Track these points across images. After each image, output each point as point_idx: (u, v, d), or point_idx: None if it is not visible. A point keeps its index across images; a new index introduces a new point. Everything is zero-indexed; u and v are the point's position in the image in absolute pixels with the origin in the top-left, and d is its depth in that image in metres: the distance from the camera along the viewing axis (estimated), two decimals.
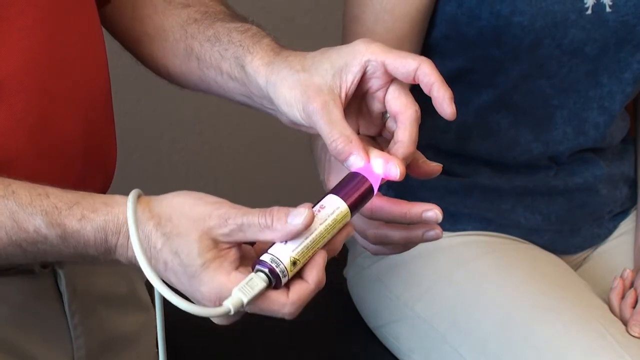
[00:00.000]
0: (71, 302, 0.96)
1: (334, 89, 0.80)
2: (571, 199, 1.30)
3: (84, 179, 0.93)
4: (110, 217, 0.76)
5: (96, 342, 0.99)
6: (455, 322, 1.20)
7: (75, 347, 0.97)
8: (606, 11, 1.18)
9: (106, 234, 0.76)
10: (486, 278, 1.21)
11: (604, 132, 1.28)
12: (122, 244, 0.77)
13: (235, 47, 0.89)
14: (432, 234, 0.79)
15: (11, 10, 0.84)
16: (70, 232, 0.77)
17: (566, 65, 1.20)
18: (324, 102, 0.79)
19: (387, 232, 0.80)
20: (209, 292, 0.74)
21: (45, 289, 0.95)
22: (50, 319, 0.95)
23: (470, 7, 1.16)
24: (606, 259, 1.34)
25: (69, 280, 0.96)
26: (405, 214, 0.78)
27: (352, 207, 0.75)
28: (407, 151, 0.80)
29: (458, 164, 1.28)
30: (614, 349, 1.10)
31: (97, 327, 0.99)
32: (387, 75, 0.82)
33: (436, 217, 0.78)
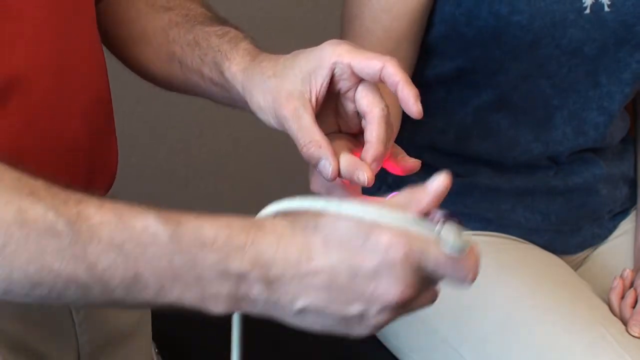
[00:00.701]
0: None
1: (304, 94, 0.80)
2: (571, 199, 1.30)
3: (89, 179, 0.94)
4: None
5: (100, 338, 1.00)
6: (455, 322, 1.20)
7: (80, 344, 0.97)
8: (605, 11, 1.18)
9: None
10: (486, 278, 1.20)
11: (603, 132, 1.28)
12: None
13: (213, 52, 0.90)
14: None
15: (24, 10, 0.84)
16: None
17: (565, 65, 1.21)
18: (294, 108, 0.80)
19: None
20: (393, 239, 0.64)
21: None
22: (56, 315, 0.96)
23: (469, 7, 1.16)
24: (606, 259, 1.34)
25: None
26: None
27: None
28: (376, 151, 0.80)
29: (458, 164, 1.28)
30: (614, 349, 1.10)
31: (100, 323, 1.00)
32: (355, 76, 0.82)
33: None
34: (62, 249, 0.62)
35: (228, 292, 0.64)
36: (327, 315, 0.65)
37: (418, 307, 0.68)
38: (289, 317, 0.65)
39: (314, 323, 0.65)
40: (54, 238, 0.62)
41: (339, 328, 0.65)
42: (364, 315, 0.65)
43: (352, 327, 0.65)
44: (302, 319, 0.65)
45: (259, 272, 0.64)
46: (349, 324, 0.65)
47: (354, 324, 0.65)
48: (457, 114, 1.25)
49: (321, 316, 0.65)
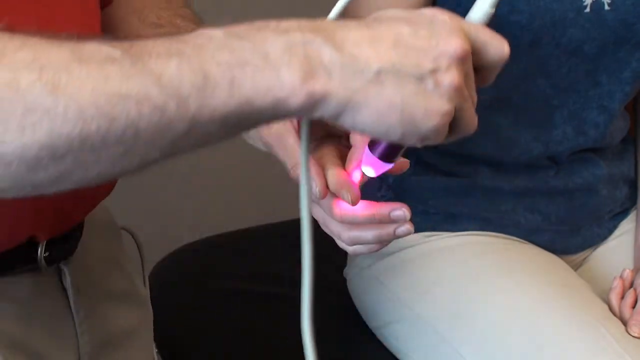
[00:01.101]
0: (76, 298, 0.97)
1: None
2: (571, 199, 1.30)
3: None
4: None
5: (100, 338, 1.00)
6: (455, 322, 1.20)
7: (80, 344, 0.98)
8: (605, 10, 1.18)
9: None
10: (486, 278, 1.21)
11: (603, 131, 1.28)
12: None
13: None
14: (403, 229, 0.80)
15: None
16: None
17: (565, 65, 1.20)
18: (276, 134, 0.81)
19: (360, 234, 0.81)
20: (452, 51, 0.66)
21: (50, 285, 0.96)
22: (56, 316, 0.96)
23: (468, 7, 1.15)
24: (606, 259, 1.34)
25: (73, 277, 0.96)
26: (373, 216, 0.79)
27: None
28: (360, 155, 0.80)
29: (458, 164, 1.28)
30: (614, 349, 1.10)
31: (100, 323, 1.00)
32: None
33: (404, 215, 0.78)
34: (125, 71, 0.60)
35: (300, 65, 0.62)
36: (404, 77, 0.64)
37: (471, 87, 0.68)
38: (369, 86, 0.64)
39: (394, 92, 0.64)
40: (114, 64, 0.60)
41: (418, 99, 0.64)
42: (437, 71, 0.64)
43: (430, 96, 0.64)
44: (382, 87, 0.63)
45: (324, 37, 0.64)
46: (426, 91, 0.64)
47: (431, 89, 0.64)
48: None
49: (399, 78, 0.64)
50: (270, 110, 0.62)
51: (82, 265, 0.99)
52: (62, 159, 0.61)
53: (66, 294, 0.96)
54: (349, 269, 1.37)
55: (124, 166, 0.63)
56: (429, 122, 0.64)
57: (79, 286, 0.97)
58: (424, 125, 0.65)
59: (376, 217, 0.79)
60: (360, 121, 0.64)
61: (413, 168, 1.30)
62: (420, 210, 1.28)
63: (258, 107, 0.62)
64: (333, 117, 0.64)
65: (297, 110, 0.63)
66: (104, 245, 1.06)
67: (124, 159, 0.62)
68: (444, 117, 0.65)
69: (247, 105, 0.62)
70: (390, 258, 1.29)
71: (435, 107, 0.65)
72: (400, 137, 0.65)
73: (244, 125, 0.64)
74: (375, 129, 0.65)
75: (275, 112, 0.63)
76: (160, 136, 0.62)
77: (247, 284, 1.46)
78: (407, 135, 0.65)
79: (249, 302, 1.42)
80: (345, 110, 0.64)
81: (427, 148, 1.27)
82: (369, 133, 0.66)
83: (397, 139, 0.65)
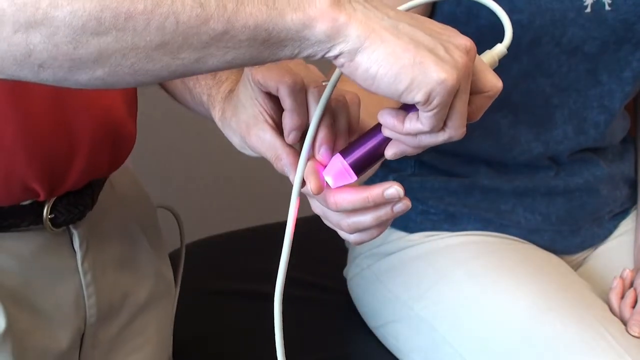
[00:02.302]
0: (84, 260, 0.99)
1: (258, 117, 0.83)
2: (571, 199, 1.30)
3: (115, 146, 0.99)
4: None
5: (106, 304, 1.02)
6: (455, 322, 1.20)
7: (87, 306, 1.00)
8: (605, 9, 1.18)
9: None
10: (486, 278, 1.21)
11: (603, 131, 1.28)
12: None
13: (206, 95, 0.93)
14: (401, 205, 0.80)
15: None
16: None
17: (566, 64, 1.20)
18: (256, 136, 0.83)
19: (359, 218, 0.81)
20: (462, 42, 0.71)
21: (60, 246, 0.98)
22: (64, 276, 0.98)
23: (468, 6, 1.16)
24: (606, 259, 1.34)
25: (84, 240, 0.99)
26: (367, 198, 0.79)
27: None
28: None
29: (458, 164, 1.28)
30: (614, 348, 1.10)
31: (108, 289, 1.03)
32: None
33: (397, 193, 0.78)
34: None
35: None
36: (419, 38, 0.69)
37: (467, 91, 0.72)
38: (388, 30, 0.68)
39: (409, 41, 0.68)
40: None
41: (431, 54, 0.68)
42: (448, 45, 0.69)
43: (441, 57, 0.68)
44: (399, 35, 0.68)
45: None
46: (438, 53, 0.68)
47: (442, 54, 0.68)
48: None
49: (415, 36, 0.69)
50: (297, 30, 0.67)
51: (97, 231, 1.01)
52: (105, 34, 0.64)
53: (75, 257, 0.99)
54: (349, 269, 1.37)
55: (156, 64, 0.67)
56: (439, 73, 0.67)
57: (90, 250, 1.00)
58: (434, 75, 0.67)
59: (370, 200, 0.79)
60: (375, 59, 0.67)
61: (413, 168, 1.30)
62: (420, 210, 1.28)
63: (288, 24, 0.67)
64: (351, 54, 0.68)
65: (321, 35, 0.67)
66: (126, 216, 1.08)
67: (159, 53, 0.66)
68: (452, 76, 0.68)
69: (279, 18, 0.67)
70: (390, 258, 1.29)
71: (445, 64, 0.68)
72: (408, 86, 0.68)
73: (271, 45, 0.68)
74: (388, 70, 0.68)
75: (301, 35, 0.67)
76: (197, 32, 0.66)
77: (247, 284, 1.46)
78: (415, 84, 0.68)
79: (249, 302, 1.42)
80: (363, 46, 0.68)
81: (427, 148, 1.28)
82: (380, 76, 0.68)
83: (404, 88, 0.68)
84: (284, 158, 0.81)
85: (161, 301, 1.11)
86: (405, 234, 1.29)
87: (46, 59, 0.65)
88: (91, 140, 0.94)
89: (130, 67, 0.67)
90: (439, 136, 0.72)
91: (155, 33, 0.65)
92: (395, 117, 0.73)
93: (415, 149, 0.75)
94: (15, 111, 0.87)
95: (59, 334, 0.98)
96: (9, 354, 0.92)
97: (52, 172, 0.92)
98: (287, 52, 0.69)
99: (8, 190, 0.91)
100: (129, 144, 1.03)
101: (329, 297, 1.43)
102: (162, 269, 1.13)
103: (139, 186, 1.15)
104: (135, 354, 1.08)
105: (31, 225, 0.94)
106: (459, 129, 0.72)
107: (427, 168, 1.29)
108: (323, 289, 1.44)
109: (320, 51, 0.69)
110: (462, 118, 0.71)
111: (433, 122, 0.70)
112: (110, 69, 0.66)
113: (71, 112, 0.92)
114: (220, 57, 0.68)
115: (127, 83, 0.68)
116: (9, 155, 0.89)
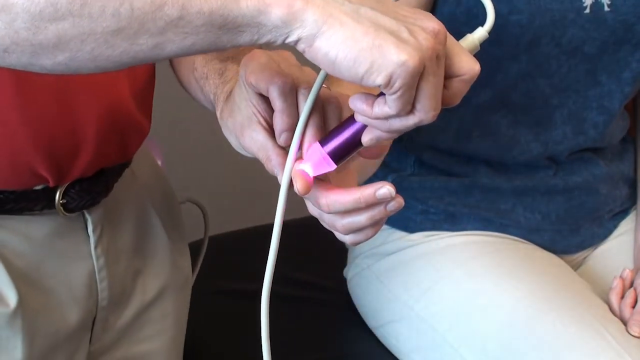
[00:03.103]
0: (97, 245, 1.01)
1: (252, 119, 0.83)
2: (571, 199, 1.30)
3: (126, 135, 1.00)
4: None
5: (118, 289, 1.04)
6: (455, 322, 1.20)
7: (99, 289, 1.02)
8: (604, 10, 1.18)
9: None
10: (486, 278, 1.21)
11: (603, 131, 1.28)
12: None
13: (213, 94, 0.93)
14: (394, 203, 0.79)
15: None
16: None
17: (565, 65, 1.20)
18: (249, 137, 0.83)
19: (353, 219, 0.81)
20: (430, 24, 0.70)
21: (74, 230, 1.00)
22: (76, 259, 1.00)
23: (468, 7, 1.16)
24: (606, 259, 1.34)
25: (97, 225, 1.01)
26: (359, 199, 0.78)
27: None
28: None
29: (458, 164, 1.28)
30: (613, 348, 1.10)
31: (120, 275, 1.04)
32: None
33: (389, 193, 0.78)
34: None
35: None
36: (381, 21, 0.69)
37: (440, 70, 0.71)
38: (347, 14, 0.68)
39: (370, 25, 0.68)
40: None
41: (392, 36, 0.68)
42: (412, 28, 0.69)
43: (403, 39, 0.68)
44: (359, 19, 0.68)
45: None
46: (400, 35, 0.68)
47: (405, 37, 0.68)
48: (456, 113, 1.25)
49: (376, 20, 0.69)
50: (252, 16, 0.68)
51: (113, 218, 1.03)
52: (62, 20, 0.67)
53: (89, 241, 1.01)
54: (349, 269, 1.37)
55: (115, 50, 0.69)
56: (399, 55, 0.67)
57: (104, 235, 1.02)
58: (393, 57, 0.67)
59: (362, 201, 0.78)
60: (333, 43, 0.68)
61: (413, 168, 1.30)
62: (420, 210, 1.28)
63: (243, 10, 0.68)
64: (309, 39, 0.68)
65: (277, 21, 0.68)
66: (145, 206, 1.09)
67: (117, 39, 0.68)
68: (413, 57, 0.67)
69: (234, 4, 0.68)
70: (390, 258, 1.29)
71: (407, 46, 0.68)
72: (368, 69, 0.68)
73: (228, 30, 0.69)
74: (346, 56, 0.68)
75: (257, 20, 0.68)
76: (152, 18, 0.67)
77: (247, 284, 1.46)
78: (375, 67, 0.67)
79: (249, 302, 1.41)
80: (320, 30, 0.68)
81: (427, 148, 1.28)
82: (340, 60, 0.68)
83: (364, 71, 0.68)
84: (273, 159, 0.81)
85: (178, 293, 1.13)
86: (406, 234, 1.29)
87: (9, 45, 0.68)
88: (97, 130, 0.96)
89: (90, 53, 0.69)
90: (409, 120, 0.71)
91: (111, 19, 0.67)
92: (365, 101, 0.73)
93: (389, 134, 0.74)
94: (19, 97, 0.89)
95: (70, 314, 0.99)
96: (19, 331, 0.94)
97: (59, 159, 0.94)
98: (247, 38, 0.70)
99: (16, 175, 0.93)
100: (139, 136, 1.04)
101: (329, 297, 1.43)
102: (180, 261, 1.14)
103: (162, 178, 1.17)
104: (148, 343, 1.09)
105: (44, 210, 0.96)
106: (429, 112, 0.71)
107: (427, 168, 1.29)
108: (323, 289, 1.44)
109: (279, 37, 0.69)
110: (432, 101, 0.70)
111: (399, 105, 0.70)
112: (70, 54, 0.69)
113: (76, 102, 0.93)
114: (179, 43, 0.69)
115: (89, 69, 0.70)
116: (14, 141, 0.90)
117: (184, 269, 1.15)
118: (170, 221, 1.13)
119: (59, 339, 0.99)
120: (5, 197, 0.93)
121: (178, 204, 1.18)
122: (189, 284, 1.17)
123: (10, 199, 0.94)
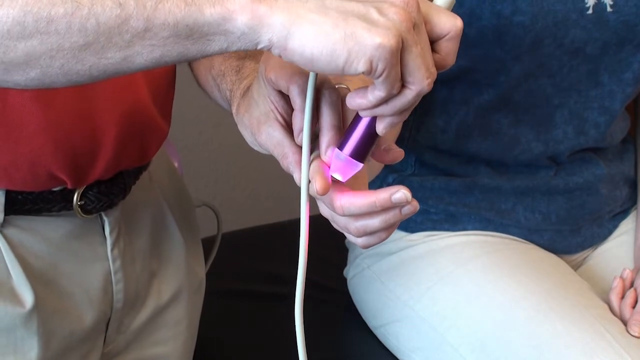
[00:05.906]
0: (114, 247, 1.01)
1: (269, 115, 0.83)
2: (571, 199, 1.30)
3: (144, 139, 1.01)
4: None
5: (133, 291, 1.04)
6: (455, 321, 1.20)
7: (115, 291, 1.02)
8: (607, 11, 1.18)
9: None
10: (486, 278, 1.21)
11: (604, 131, 1.28)
12: None
13: (229, 91, 0.93)
14: (409, 207, 0.79)
15: None
16: None
17: (567, 65, 1.21)
18: (266, 133, 0.83)
19: (367, 222, 0.80)
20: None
21: (91, 231, 1.00)
22: (93, 260, 1.00)
23: (471, 7, 1.16)
24: (606, 259, 1.34)
25: (114, 227, 1.01)
26: (374, 203, 0.78)
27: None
28: (328, 139, 0.80)
29: (458, 164, 1.28)
30: (613, 348, 1.10)
31: (136, 277, 1.04)
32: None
33: (405, 197, 0.78)
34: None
35: None
36: (348, 8, 0.69)
37: (421, 36, 0.70)
38: (314, 11, 0.68)
39: (338, 16, 0.68)
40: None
41: (362, 21, 0.68)
42: (381, 6, 0.69)
43: (374, 20, 0.68)
44: (326, 13, 0.68)
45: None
46: (371, 18, 0.68)
47: (375, 18, 0.68)
48: (458, 113, 1.25)
49: (343, 8, 0.69)
50: (218, 24, 0.68)
51: (130, 220, 1.04)
52: (30, 38, 0.68)
53: (106, 243, 1.01)
54: (349, 269, 1.37)
55: (85, 64, 0.70)
56: (373, 38, 0.67)
57: (121, 238, 1.02)
58: (368, 41, 0.67)
59: (377, 205, 0.78)
60: (306, 42, 0.67)
61: (413, 168, 1.30)
62: (420, 210, 1.28)
63: (207, 18, 0.68)
64: (281, 42, 0.68)
65: (243, 27, 0.68)
66: (162, 209, 1.10)
67: (85, 53, 0.69)
68: (387, 37, 0.67)
69: (198, 13, 0.68)
70: (390, 258, 1.29)
71: (379, 27, 0.67)
72: (347, 59, 0.67)
73: (196, 40, 0.69)
74: (322, 51, 0.68)
75: (223, 28, 0.68)
76: (118, 32, 0.69)
77: (248, 283, 1.46)
78: (353, 56, 0.67)
79: (249, 302, 1.42)
80: (290, 32, 0.68)
81: (428, 147, 1.28)
82: (317, 57, 0.68)
83: (344, 62, 0.68)
84: (289, 156, 0.81)
85: (191, 297, 1.13)
86: (406, 234, 1.29)
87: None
88: (117, 134, 0.96)
89: (60, 68, 0.70)
90: (407, 95, 0.71)
91: (78, 34, 0.68)
92: (358, 95, 0.73)
93: (398, 116, 0.74)
94: (39, 101, 0.89)
95: (85, 316, 1.00)
96: (35, 332, 0.95)
97: (77, 162, 0.95)
98: (216, 47, 0.70)
99: (35, 177, 0.93)
100: (158, 139, 1.04)
101: (329, 297, 1.43)
102: (194, 265, 1.14)
103: (178, 182, 1.17)
104: (161, 346, 1.09)
105: (62, 211, 0.97)
106: (424, 82, 0.70)
107: (427, 168, 1.29)
108: (323, 289, 1.44)
109: (249, 43, 0.69)
110: (422, 70, 0.70)
111: (388, 86, 0.69)
112: (41, 70, 0.70)
113: (95, 106, 0.94)
114: (147, 55, 0.70)
115: (62, 83, 0.71)
116: (33, 144, 0.91)
117: (198, 272, 1.15)
118: (185, 224, 1.13)
119: (74, 340, 0.99)
120: (23, 198, 0.94)
121: (194, 206, 1.18)
122: (202, 288, 1.17)
123: (29, 199, 0.94)
